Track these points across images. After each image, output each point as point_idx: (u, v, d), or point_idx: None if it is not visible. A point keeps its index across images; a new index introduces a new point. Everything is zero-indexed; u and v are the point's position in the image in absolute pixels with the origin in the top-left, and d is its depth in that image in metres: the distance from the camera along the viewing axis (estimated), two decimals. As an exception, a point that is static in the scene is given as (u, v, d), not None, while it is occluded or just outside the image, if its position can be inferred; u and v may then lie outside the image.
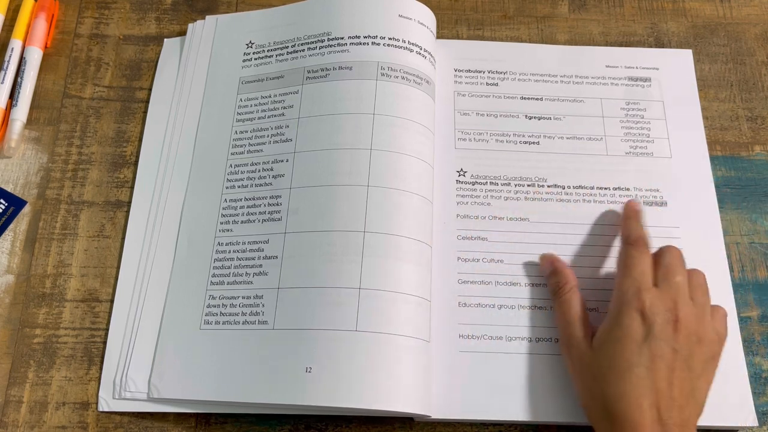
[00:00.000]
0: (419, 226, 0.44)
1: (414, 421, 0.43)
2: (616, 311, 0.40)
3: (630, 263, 0.41)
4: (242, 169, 0.47)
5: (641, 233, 0.43)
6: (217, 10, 0.55)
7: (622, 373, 0.37)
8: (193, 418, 0.42)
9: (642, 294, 0.39)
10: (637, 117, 0.51)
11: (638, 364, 0.37)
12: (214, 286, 0.44)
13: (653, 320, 0.38)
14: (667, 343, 0.38)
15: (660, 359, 0.37)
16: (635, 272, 0.41)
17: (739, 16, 0.56)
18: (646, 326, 0.38)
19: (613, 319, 0.39)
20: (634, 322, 0.38)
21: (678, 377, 0.37)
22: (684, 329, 0.38)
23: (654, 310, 0.39)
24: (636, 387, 0.36)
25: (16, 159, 0.49)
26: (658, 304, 0.39)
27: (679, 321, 0.38)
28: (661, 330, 0.38)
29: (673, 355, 0.37)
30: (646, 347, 0.37)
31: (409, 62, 0.48)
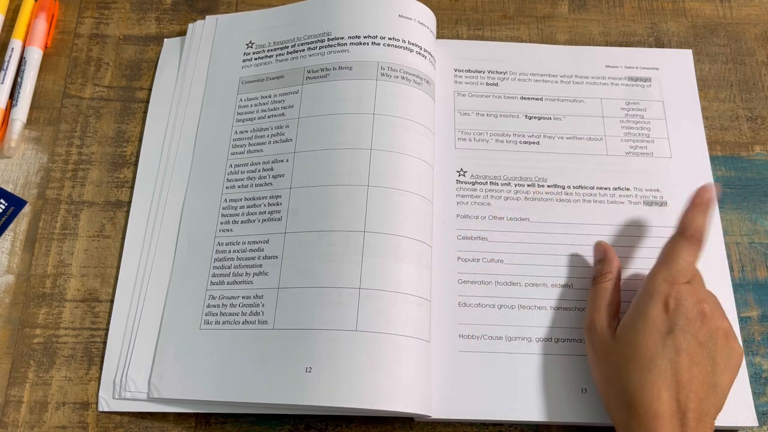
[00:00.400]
0: (419, 226, 0.44)
1: (414, 421, 0.43)
2: (643, 300, 0.39)
3: (676, 254, 0.41)
4: (242, 169, 0.47)
5: (702, 227, 0.42)
6: (217, 10, 0.55)
7: (644, 364, 0.37)
8: (193, 418, 0.42)
9: (674, 288, 0.39)
10: (637, 117, 0.51)
11: (662, 356, 0.37)
12: (214, 286, 0.44)
13: (680, 312, 0.38)
14: (693, 336, 0.38)
15: (684, 352, 0.37)
16: (676, 266, 0.40)
17: (739, 16, 0.56)
18: (671, 319, 0.38)
19: (639, 308, 0.39)
20: (661, 314, 0.38)
21: (701, 371, 0.37)
22: (710, 323, 0.38)
23: (681, 303, 0.38)
24: (658, 378, 0.36)
25: (16, 159, 0.49)
26: (686, 297, 0.39)
27: (706, 315, 0.38)
28: (687, 323, 0.38)
29: (697, 349, 0.37)
30: (670, 339, 0.37)
31: (409, 62, 0.48)
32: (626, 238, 0.47)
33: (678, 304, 0.39)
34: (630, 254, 0.46)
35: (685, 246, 0.41)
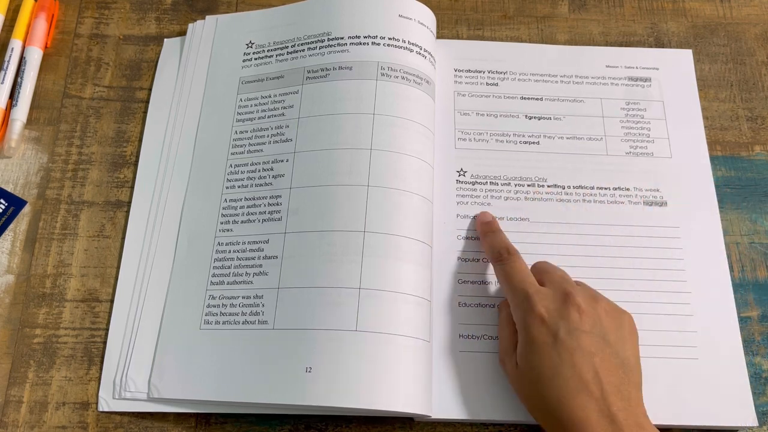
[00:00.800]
0: (419, 226, 0.44)
1: (414, 421, 0.43)
2: (521, 324, 0.39)
3: (507, 276, 0.42)
4: (242, 169, 0.47)
5: (503, 243, 0.44)
6: (217, 10, 0.55)
7: (550, 380, 0.37)
8: (193, 418, 0.42)
9: (533, 298, 0.39)
10: (637, 117, 0.51)
11: (561, 365, 0.37)
12: (214, 286, 0.44)
13: (555, 318, 0.38)
14: (577, 330, 0.38)
15: (577, 350, 0.37)
16: (516, 281, 0.41)
17: (739, 16, 0.56)
18: (551, 327, 0.38)
19: (522, 333, 0.39)
20: (540, 328, 0.38)
21: (601, 358, 0.37)
22: (587, 309, 0.38)
23: (551, 308, 0.39)
24: (568, 387, 0.36)
25: (16, 159, 0.49)
26: (552, 300, 0.39)
27: (579, 305, 0.38)
28: (567, 322, 0.38)
29: (588, 339, 0.37)
30: (560, 345, 0.37)
31: (409, 62, 0.48)
32: (626, 238, 0.47)
33: (549, 309, 0.39)
34: (630, 254, 0.46)
35: (505, 265, 0.42)
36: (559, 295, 0.39)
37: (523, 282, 0.40)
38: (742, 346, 0.44)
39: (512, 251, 0.43)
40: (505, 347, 0.41)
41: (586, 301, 0.39)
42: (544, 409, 0.37)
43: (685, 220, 0.47)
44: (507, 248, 0.43)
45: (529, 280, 0.41)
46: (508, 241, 0.44)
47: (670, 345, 0.43)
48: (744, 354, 0.44)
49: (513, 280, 0.41)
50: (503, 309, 0.43)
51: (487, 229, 0.45)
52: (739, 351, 0.44)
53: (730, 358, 0.44)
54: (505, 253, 0.43)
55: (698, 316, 0.45)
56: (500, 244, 0.43)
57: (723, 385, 0.43)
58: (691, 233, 0.47)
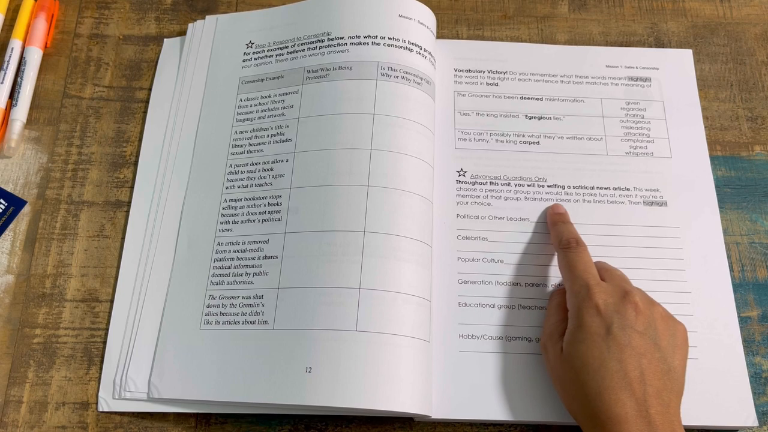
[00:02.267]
0: (419, 226, 0.44)
1: (414, 421, 0.43)
2: (575, 312, 0.40)
3: (571, 264, 0.42)
4: (242, 169, 0.47)
5: (572, 233, 0.44)
6: (217, 10, 0.55)
7: (595, 371, 0.37)
8: (193, 418, 0.42)
9: (593, 289, 0.40)
10: (637, 117, 0.51)
11: (608, 358, 0.37)
12: (214, 286, 0.44)
13: (611, 310, 0.38)
14: (631, 329, 0.38)
15: (627, 347, 0.37)
16: (579, 271, 0.41)
17: (739, 16, 0.56)
18: (606, 319, 0.38)
19: (574, 320, 0.39)
20: (595, 318, 0.38)
21: (650, 361, 0.37)
22: (644, 311, 0.39)
23: (610, 301, 0.39)
24: (611, 382, 0.36)
25: (16, 159, 0.49)
26: (611, 294, 0.39)
27: (637, 305, 0.39)
28: (622, 318, 0.38)
29: (639, 340, 0.38)
30: (611, 339, 0.37)
31: (409, 62, 0.48)
32: (626, 238, 0.47)
33: (606, 302, 0.39)
34: (630, 254, 0.46)
35: (571, 254, 0.42)
36: (618, 291, 0.39)
37: (585, 272, 0.41)
38: (742, 346, 0.44)
39: (581, 243, 0.43)
40: (550, 332, 0.41)
41: (644, 302, 0.39)
42: (582, 399, 0.37)
43: (685, 220, 0.47)
44: (576, 239, 0.43)
45: (592, 272, 0.41)
46: (578, 234, 0.44)
47: (670, 345, 0.43)
48: (744, 354, 0.44)
49: (576, 269, 0.41)
50: (555, 296, 0.43)
51: (558, 219, 0.46)
52: (739, 351, 0.44)
53: (730, 358, 0.44)
54: (574, 243, 0.43)
55: (698, 316, 0.45)
56: (570, 234, 0.44)
57: (723, 385, 0.43)
58: (691, 233, 0.47)
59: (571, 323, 0.40)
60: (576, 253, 0.42)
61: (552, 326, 0.41)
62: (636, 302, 0.39)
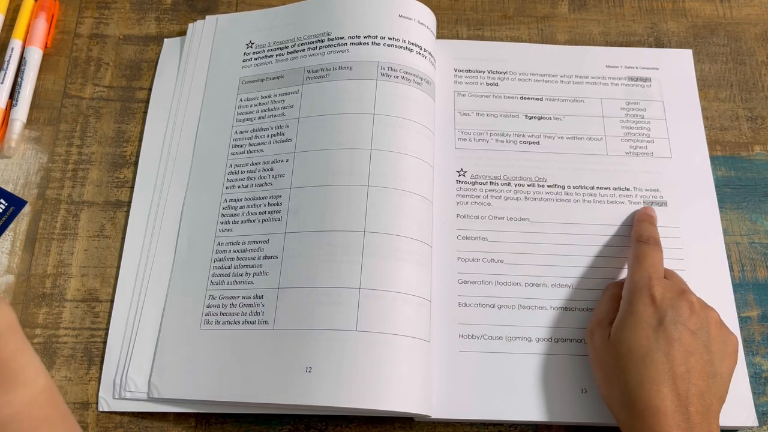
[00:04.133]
0: (419, 226, 0.44)
1: (414, 421, 0.43)
2: (629, 299, 0.40)
3: (642, 257, 0.42)
4: (242, 169, 0.47)
5: (653, 233, 0.44)
6: (217, 10, 0.55)
7: (640, 360, 0.37)
8: (193, 418, 0.42)
9: (653, 281, 0.40)
10: (637, 117, 0.51)
11: (656, 349, 0.37)
12: (214, 286, 0.44)
13: (667, 303, 0.38)
14: (683, 326, 0.38)
15: (677, 343, 0.37)
16: (646, 264, 0.41)
17: (739, 16, 0.56)
18: (660, 311, 0.38)
19: (627, 306, 0.39)
20: (648, 308, 0.38)
21: (697, 361, 0.37)
22: (699, 312, 0.39)
23: (667, 295, 0.39)
24: (655, 372, 0.36)
25: (16, 159, 0.49)
26: (669, 289, 0.39)
27: (693, 304, 0.39)
28: (677, 313, 0.38)
29: (690, 338, 0.37)
30: (662, 331, 0.37)
31: (409, 62, 0.48)
32: (626, 238, 0.47)
33: (663, 295, 0.39)
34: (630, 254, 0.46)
35: (647, 248, 0.43)
36: (676, 288, 0.40)
37: (652, 267, 0.41)
38: (742, 346, 0.44)
39: (659, 244, 0.43)
40: (599, 318, 0.41)
41: (700, 303, 0.39)
42: (622, 387, 0.37)
43: (685, 220, 0.47)
44: (655, 238, 0.44)
45: (659, 268, 0.41)
46: (659, 236, 0.44)
47: (670, 345, 0.43)
48: (744, 354, 0.44)
49: (645, 262, 0.41)
50: (610, 288, 0.43)
51: (646, 218, 0.46)
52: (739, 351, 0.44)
53: (730, 358, 0.44)
54: (652, 240, 0.43)
55: (698, 316, 0.45)
56: (651, 232, 0.44)
57: (723, 385, 0.43)
58: (691, 233, 0.47)
59: (624, 309, 0.40)
60: (650, 248, 0.42)
61: (603, 313, 0.41)
62: (692, 301, 0.39)
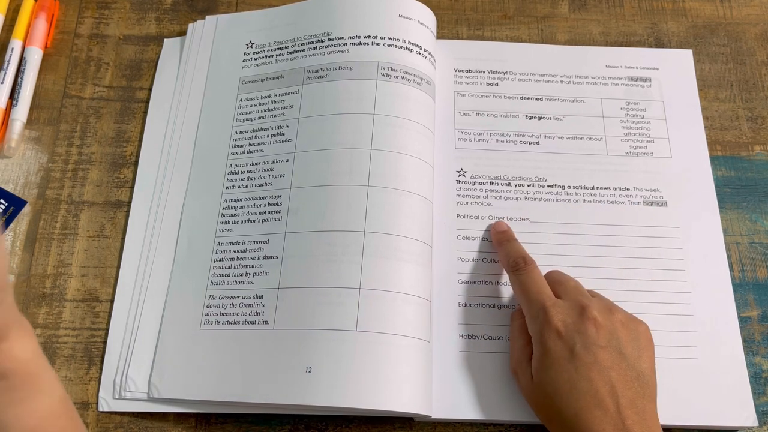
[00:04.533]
0: (419, 226, 0.44)
1: (414, 421, 0.43)
2: (537, 337, 0.39)
3: (523, 287, 0.41)
4: (242, 169, 0.47)
5: (518, 252, 0.43)
6: (217, 10, 0.55)
7: (567, 395, 0.37)
8: (193, 418, 0.42)
9: (549, 311, 0.39)
10: (637, 117, 0.51)
11: (578, 379, 0.37)
12: (214, 286, 0.44)
13: (572, 331, 0.38)
14: (594, 345, 0.38)
15: (594, 365, 0.37)
16: (532, 293, 0.41)
17: (739, 16, 0.56)
18: (568, 341, 0.38)
19: (538, 346, 0.39)
20: (557, 342, 0.38)
21: (618, 372, 0.37)
22: (603, 323, 0.38)
23: (568, 321, 0.39)
24: (584, 402, 0.36)
25: (16, 159, 0.49)
26: (569, 314, 0.39)
27: (595, 319, 0.38)
28: (584, 337, 0.38)
29: (604, 354, 0.37)
30: (577, 360, 0.37)
31: (409, 62, 0.48)
32: (626, 238, 0.47)
33: (565, 323, 0.38)
34: (630, 254, 0.46)
35: (521, 275, 0.42)
36: (575, 308, 0.39)
37: (539, 293, 0.40)
38: (742, 346, 0.44)
39: (528, 261, 0.42)
40: (518, 358, 0.41)
41: (602, 314, 0.39)
42: (560, 421, 0.37)
43: (685, 220, 0.47)
44: (524, 258, 0.43)
45: (546, 292, 0.40)
46: (524, 251, 0.44)
47: (670, 345, 0.43)
48: (744, 354, 0.44)
49: (529, 292, 0.41)
50: (516, 318, 0.42)
51: (503, 238, 0.45)
52: (739, 351, 0.44)
53: (730, 358, 0.44)
54: (522, 262, 0.42)
55: (698, 316, 0.45)
56: (516, 254, 0.43)
57: (723, 385, 0.43)
58: (691, 233, 0.47)
59: (536, 349, 0.39)
60: (526, 275, 0.42)
61: (518, 352, 0.41)
62: (594, 317, 0.38)
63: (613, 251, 0.46)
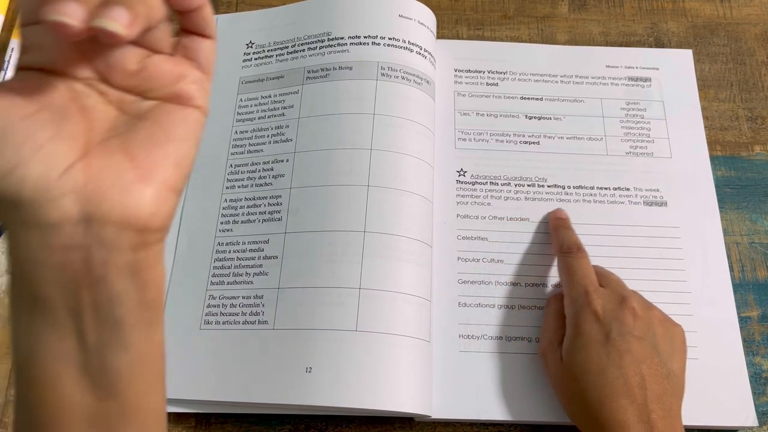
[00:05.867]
0: (419, 226, 0.44)
1: (414, 421, 0.43)
2: (573, 319, 0.40)
3: (571, 270, 0.42)
4: (242, 169, 0.47)
5: (573, 239, 0.44)
6: (217, 10, 0.55)
7: (595, 379, 0.37)
8: (193, 418, 0.42)
9: (591, 295, 0.39)
10: (637, 117, 0.51)
11: (609, 365, 0.37)
12: (214, 286, 0.44)
13: (610, 317, 0.38)
14: (630, 335, 0.38)
15: (627, 354, 0.37)
16: (578, 277, 0.41)
17: (739, 16, 0.56)
18: (605, 326, 0.38)
19: (573, 328, 0.39)
20: (593, 325, 0.38)
21: (649, 366, 0.37)
22: (641, 316, 0.39)
23: (608, 307, 0.39)
24: (612, 389, 0.36)
25: (16, 159, 0.49)
26: (609, 300, 0.39)
27: (635, 309, 0.39)
28: (621, 324, 0.38)
29: (638, 345, 0.38)
30: (611, 346, 0.37)
31: (409, 62, 0.48)
32: (626, 238, 0.47)
33: (605, 308, 0.39)
34: (630, 254, 0.46)
35: (572, 259, 0.42)
36: (616, 297, 0.40)
37: (585, 278, 0.41)
38: (742, 346, 0.44)
39: (582, 249, 0.43)
40: (549, 340, 0.41)
41: (641, 307, 0.39)
42: (584, 406, 0.37)
43: (685, 220, 0.47)
44: (578, 245, 0.43)
45: (591, 278, 0.41)
46: (579, 240, 0.44)
47: (670, 345, 0.43)
48: (744, 354, 0.44)
49: (576, 275, 0.41)
50: (552, 303, 0.43)
51: (560, 224, 0.46)
52: (739, 351, 0.44)
53: (730, 358, 0.44)
54: (575, 248, 0.43)
55: (698, 316, 0.45)
56: (571, 240, 0.44)
57: (723, 385, 0.43)
58: (691, 233, 0.47)
59: (570, 330, 0.39)
60: (576, 259, 0.42)
61: (550, 333, 0.41)
62: (633, 307, 0.39)
63: (614, 251, 0.46)
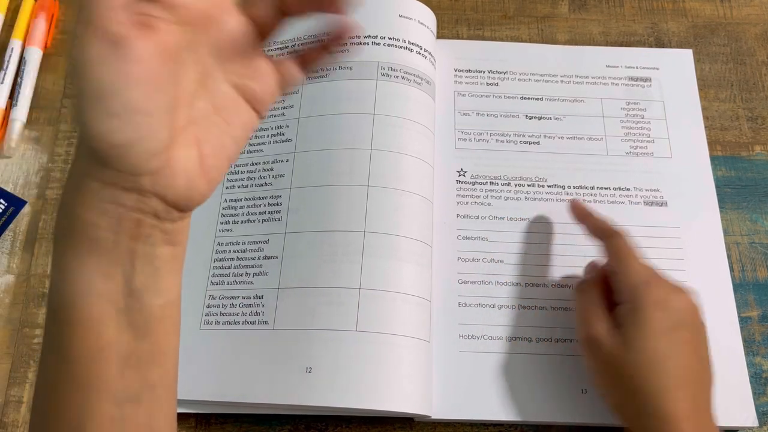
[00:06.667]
0: (419, 226, 0.44)
1: (414, 421, 0.43)
2: (636, 305, 0.38)
3: (627, 252, 0.40)
4: (242, 169, 0.47)
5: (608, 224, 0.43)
6: (217, 10, 0.55)
7: (657, 368, 0.36)
8: (193, 418, 0.42)
9: (653, 283, 0.39)
10: (638, 117, 0.51)
11: (671, 356, 0.37)
12: (214, 286, 0.44)
13: (673, 307, 0.38)
14: (691, 325, 0.38)
15: (686, 345, 0.37)
16: (635, 260, 0.40)
17: (739, 16, 0.56)
18: (669, 315, 0.38)
19: (633, 314, 0.38)
20: (658, 312, 0.38)
21: (699, 358, 0.37)
22: (696, 306, 0.39)
23: (671, 297, 0.38)
24: (672, 380, 0.36)
25: (16, 159, 0.49)
26: (672, 289, 0.39)
27: (690, 299, 0.39)
28: (681, 314, 0.38)
29: (693, 336, 0.38)
30: (675, 336, 0.37)
31: (409, 62, 0.48)
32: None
33: (667, 297, 0.38)
34: (630, 254, 0.46)
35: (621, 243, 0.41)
36: (677, 288, 0.39)
37: (643, 265, 0.40)
38: (743, 346, 0.44)
39: (623, 231, 0.42)
40: (598, 326, 0.39)
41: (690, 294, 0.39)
42: (639, 395, 0.36)
43: (685, 220, 0.47)
44: (619, 229, 0.42)
45: (648, 263, 0.40)
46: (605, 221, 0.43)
47: (670, 345, 0.43)
48: (744, 354, 0.44)
49: (632, 258, 0.40)
50: (586, 290, 0.41)
51: (585, 213, 0.44)
52: (739, 351, 0.44)
53: (730, 358, 0.44)
54: (618, 232, 0.41)
55: (698, 316, 0.45)
56: (606, 224, 0.42)
57: (723, 385, 0.42)
58: (691, 233, 0.47)
59: (630, 317, 0.38)
60: (625, 242, 0.41)
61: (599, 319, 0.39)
62: (690, 297, 0.39)
63: (613, 251, 0.46)
